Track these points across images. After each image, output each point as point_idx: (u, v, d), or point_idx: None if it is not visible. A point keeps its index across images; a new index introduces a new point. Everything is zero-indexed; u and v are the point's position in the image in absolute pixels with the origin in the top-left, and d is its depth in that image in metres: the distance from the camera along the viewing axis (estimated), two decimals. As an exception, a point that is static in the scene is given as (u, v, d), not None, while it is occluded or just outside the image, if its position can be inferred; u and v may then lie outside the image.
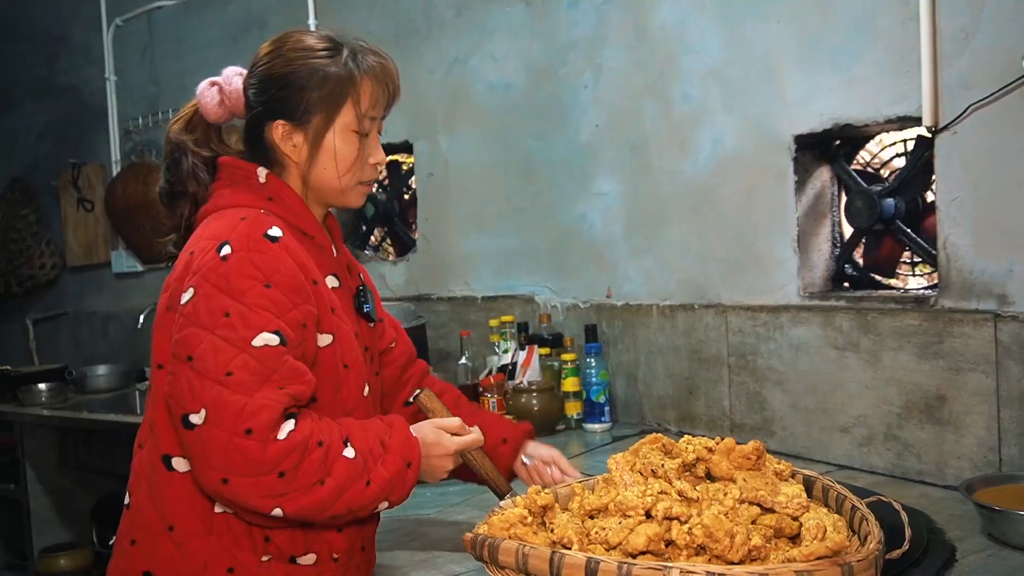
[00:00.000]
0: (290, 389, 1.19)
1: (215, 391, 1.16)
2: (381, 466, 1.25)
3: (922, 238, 2.06)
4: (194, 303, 1.20)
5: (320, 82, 1.32)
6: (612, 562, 1.11)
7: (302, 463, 1.18)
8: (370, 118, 1.36)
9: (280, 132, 1.34)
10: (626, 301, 2.56)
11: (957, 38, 1.82)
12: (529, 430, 1.69)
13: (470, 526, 1.31)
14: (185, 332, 1.20)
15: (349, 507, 1.23)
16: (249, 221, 1.26)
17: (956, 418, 1.83)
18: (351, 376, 1.34)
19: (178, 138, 1.38)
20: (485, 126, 2.91)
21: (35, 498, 3.61)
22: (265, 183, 1.35)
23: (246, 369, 1.17)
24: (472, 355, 2.73)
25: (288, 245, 1.27)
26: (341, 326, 1.34)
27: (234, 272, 1.20)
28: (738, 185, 2.27)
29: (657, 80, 2.43)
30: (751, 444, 1.35)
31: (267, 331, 1.19)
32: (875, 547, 1.13)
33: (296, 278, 1.25)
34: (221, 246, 1.23)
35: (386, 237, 3.47)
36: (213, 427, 1.15)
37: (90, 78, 4.28)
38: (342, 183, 1.36)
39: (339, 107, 1.33)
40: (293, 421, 1.19)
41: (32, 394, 3.65)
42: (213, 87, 1.38)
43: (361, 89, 1.34)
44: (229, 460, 1.15)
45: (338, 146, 1.34)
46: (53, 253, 4.49)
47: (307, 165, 1.35)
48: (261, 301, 1.20)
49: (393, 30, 3.13)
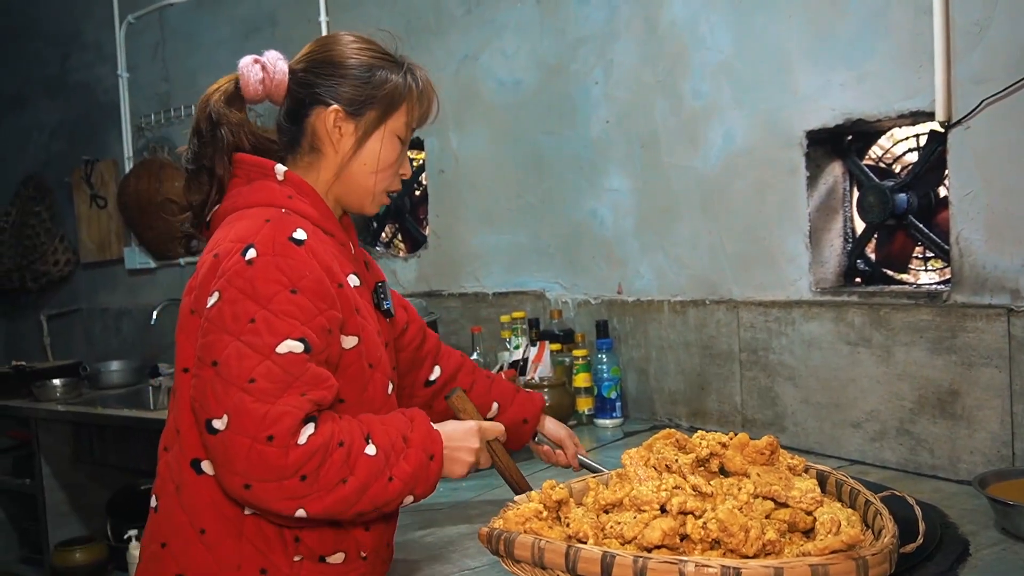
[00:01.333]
0: (312, 395, 1.20)
1: (238, 397, 1.16)
2: (403, 461, 1.26)
3: (934, 233, 2.06)
4: (219, 307, 1.20)
5: (384, 82, 1.35)
6: (627, 556, 1.11)
7: (324, 465, 1.18)
8: (412, 129, 1.41)
9: (332, 118, 1.34)
10: (637, 297, 2.56)
11: (970, 32, 1.82)
12: (543, 404, 1.79)
13: (485, 520, 1.32)
14: (210, 337, 1.20)
15: (374, 503, 1.24)
16: (274, 223, 1.26)
17: (969, 413, 1.83)
18: (377, 375, 1.35)
19: (221, 111, 1.34)
20: (496, 122, 2.91)
21: (50, 492, 3.64)
22: (284, 180, 1.34)
23: (269, 376, 1.17)
24: (483, 351, 2.74)
25: (314, 248, 1.26)
26: (366, 327, 1.34)
27: (260, 277, 1.20)
28: (749, 180, 2.27)
29: (668, 75, 2.43)
30: (765, 439, 1.35)
31: (292, 338, 1.19)
32: (889, 541, 1.13)
33: (322, 283, 1.24)
34: (246, 249, 1.22)
35: (397, 233, 3.48)
36: (235, 433, 1.16)
37: (102, 75, 4.30)
38: (375, 184, 1.38)
39: (394, 110, 1.37)
40: (313, 425, 1.20)
41: (47, 389, 3.68)
42: (256, 64, 1.36)
43: (415, 100, 1.39)
44: (251, 466, 1.16)
45: (384, 146, 1.37)
46: (66, 250, 4.52)
47: (348, 156, 1.36)
48: (287, 307, 1.20)
49: (403, 27, 3.14)
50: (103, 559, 3.59)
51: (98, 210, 4.30)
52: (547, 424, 1.79)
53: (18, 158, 4.80)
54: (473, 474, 1.54)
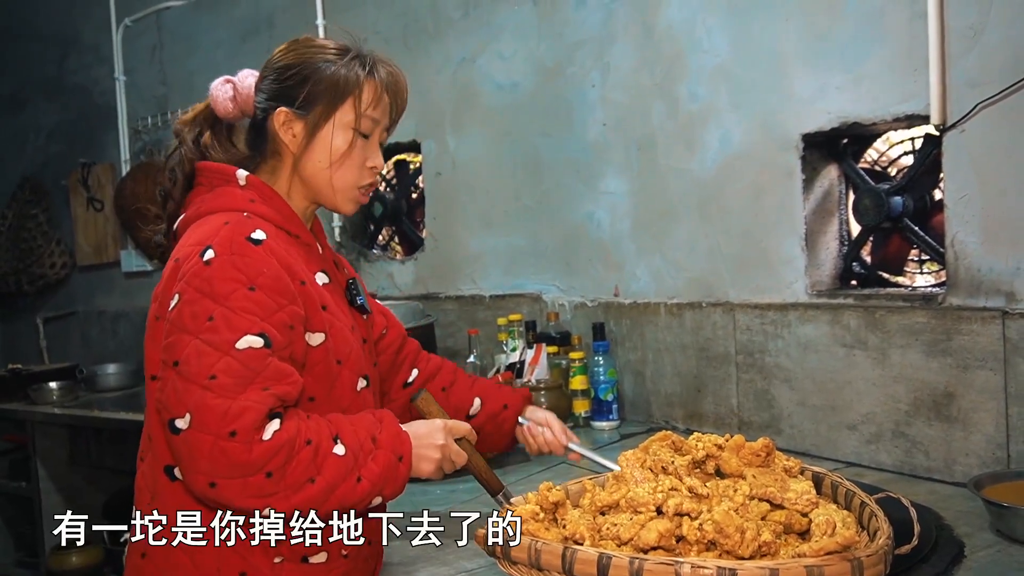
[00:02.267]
0: (275, 390, 1.19)
1: (199, 395, 1.16)
2: (372, 461, 1.25)
3: (930, 236, 2.07)
4: (179, 309, 1.21)
5: (325, 76, 1.35)
6: (624, 557, 1.11)
7: (290, 462, 1.18)
8: (371, 120, 1.38)
9: (281, 119, 1.36)
10: (634, 299, 2.57)
11: (965, 36, 1.83)
12: (528, 396, 1.75)
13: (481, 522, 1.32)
14: (171, 338, 1.21)
15: (342, 503, 1.23)
16: (232, 225, 1.27)
17: (964, 415, 1.84)
18: (344, 372, 1.35)
19: (178, 128, 1.41)
20: (493, 125, 2.92)
21: (46, 495, 3.63)
22: (246, 185, 1.36)
23: (229, 372, 1.17)
24: (480, 354, 2.74)
25: (272, 247, 1.27)
26: (334, 323, 1.34)
27: (217, 276, 1.21)
28: (746, 183, 2.27)
29: (664, 79, 2.44)
30: (760, 441, 1.35)
31: (251, 333, 1.19)
32: (884, 542, 1.14)
33: (281, 280, 1.25)
34: (204, 251, 1.23)
35: (394, 236, 3.48)
36: (198, 431, 1.15)
37: (99, 78, 4.30)
38: (336, 179, 1.38)
39: (341, 102, 1.36)
40: (278, 421, 1.19)
41: (43, 392, 3.67)
42: (227, 84, 1.41)
43: (364, 90, 1.37)
44: (215, 463, 1.15)
45: (334, 139, 1.36)
46: (63, 252, 4.51)
47: (301, 154, 1.37)
48: (245, 304, 1.20)
49: (401, 30, 3.15)
50: (99, 562, 3.57)
51: (95, 213, 4.29)
52: (538, 413, 1.74)
53: (15, 160, 4.80)
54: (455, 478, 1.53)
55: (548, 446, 1.71)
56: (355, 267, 3.42)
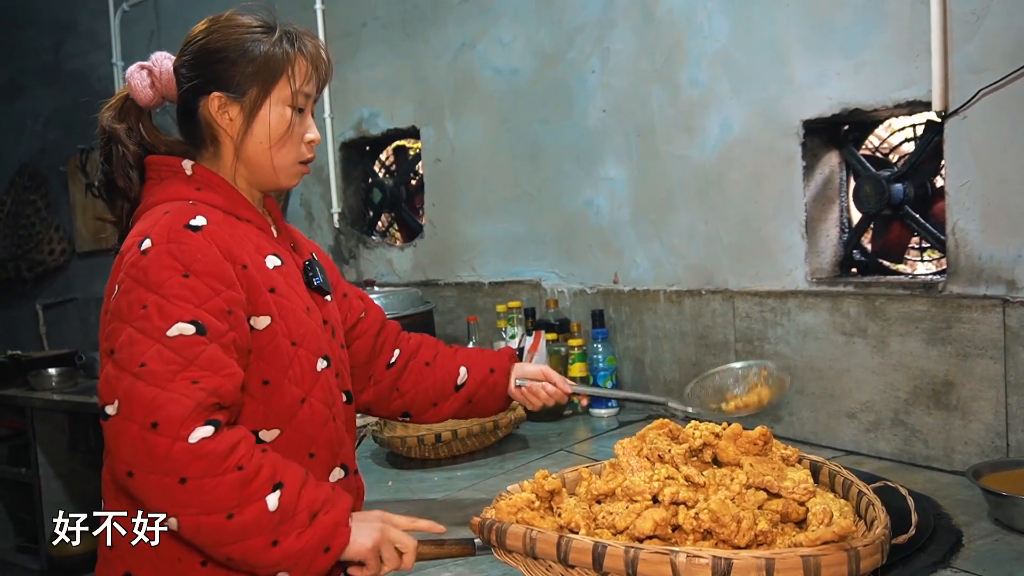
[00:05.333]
0: (206, 383, 1.15)
1: (128, 382, 1.14)
2: (296, 536, 1.17)
3: (931, 223, 2.05)
4: (117, 299, 1.21)
5: (256, 57, 1.33)
6: (619, 546, 1.11)
7: (209, 478, 1.12)
8: (304, 95, 1.37)
9: (216, 104, 1.34)
10: (633, 286, 2.56)
11: (967, 21, 1.81)
12: (512, 354, 1.74)
13: (477, 510, 1.32)
14: (109, 328, 1.21)
15: (244, 557, 1.16)
16: (172, 214, 1.26)
17: (964, 404, 1.83)
18: (301, 352, 1.32)
19: (110, 126, 1.38)
20: (492, 111, 2.90)
21: (46, 481, 3.64)
22: (192, 174, 1.35)
23: (160, 359, 1.15)
24: (479, 340, 2.74)
25: (213, 232, 1.26)
26: (284, 304, 1.32)
27: (153, 265, 1.20)
28: (746, 170, 2.26)
29: (664, 64, 2.42)
30: (758, 429, 1.35)
31: (183, 321, 1.18)
32: (881, 532, 1.13)
33: (218, 265, 1.23)
34: (143, 241, 1.23)
35: (393, 223, 3.48)
36: (125, 419, 1.13)
37: (97, 64, 4.29)
38: (278, 159, 1.36)
39: (275, 81, 1.34)
40: (212, 428, 1.14)
41: (42, 379, 3.67)
42: (143, 70, 1.38)
43: (296, 66, 1.35)
44: (135, 453, 1.12)
45: (272, 119, 1.34)
46: (62, 239, 4.51)
47: (241, 137, 1.34)
48: (179, 291, 1.19)
49: (400, 15, 3.13)
50: (99, 548, 3.59)
51: (93, 199, 4.25)
52: (528, 369, 1.73)
53: (13, 147, 4.79)
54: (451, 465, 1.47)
55: (552, 398, 1.72)
56: (354, 253, 3.41)
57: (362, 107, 3.31)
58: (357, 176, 3.49)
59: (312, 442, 1.33)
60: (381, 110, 3.25)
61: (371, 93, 3.26)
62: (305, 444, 1.32)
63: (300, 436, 1.31)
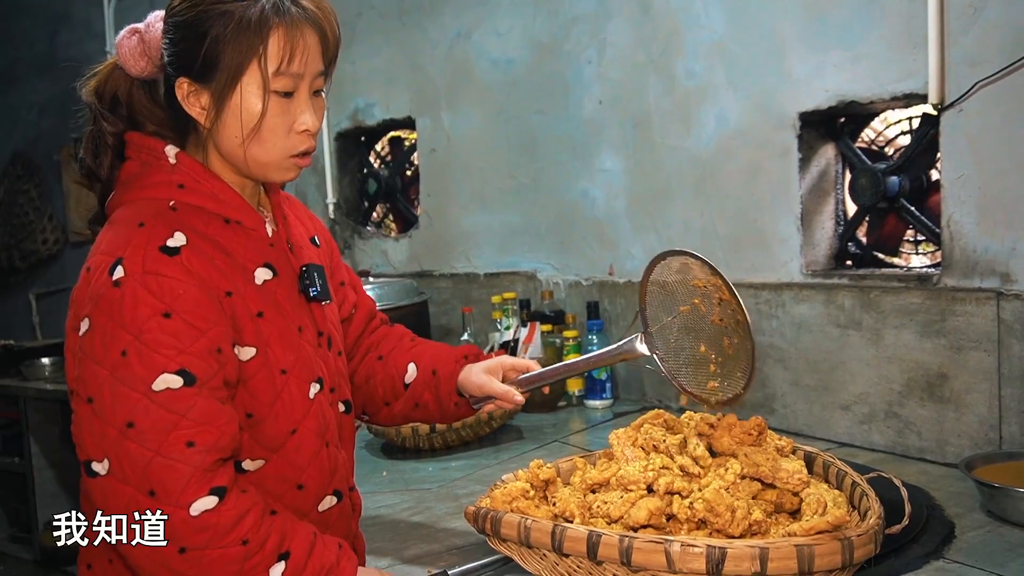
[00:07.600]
0: (203, 440, 1.06)
1: (116, 441, 1.05)
2: None
3: (926, 216, 2.05)
4: (90, 336, 1.08)
5: (224, 33, 1.10)
6: (613, 535, 1.11)
7: (211, 550, 1.05)
8: (291, 76, 1.13)
9: (184, 91, 1.14)
10: (628, 278, 2.55)
11: (965, 14, 1.81)
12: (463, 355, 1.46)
13: (472, 500, 1.32)
14: (84, 369, 1.09)
15: None
16: (148, 228, 1.11)
17: (957, 396, 1.84)
18: (291, 381, 1.19)
19: (89, 100, 1.22)
20: (488, 102, 2.89)
21: (39, 471, 3.63)
22: (176, 164, 1.18)
23: (147, 417, 1.05)
24: (474, 332, 2.74)
25: (190, 258, 1.11)
26: (272, 332, 1.18)
27: (128, 301, 1.07)
28: (742, 162, 2.26)
29: (661, 55, 2.42)
30: (753, 420, 1.35)
31: (168, 371, 1.06)
32: (875, 522, 1.14)
33: (200, 301, 1.10)
34: (114, 267, 1.09)
35: (388, 213, 3.47)
36: (118, 481, 1.05)
37: (91, 53, 4.26)
38: (257, 151, 1.16)
39: (248, 61, 1.11)
40: (216, 499, 1.05)
41: (35, 368, 3.66)
42: (134, 36, 1.19)
43: (272, 41, 1.11)
44: (131, 516, 1.05)
45: (244, 106, 1.13)
46: (55, 228, 4.49)
47: (213, 128, 1.15)
48: (159, 336, 1.06)
49: (396, 5, 3.11)
50: (92, 538, 3.58)
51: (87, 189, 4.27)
52: (472, 378, 1.42)
53: (7, 136, 4.77)
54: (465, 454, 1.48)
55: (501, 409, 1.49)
56: (349, 244, 3.41)
57: (358, 97, 3.30)
58: (352, 166, 3.48)
59: (302, 472, 1.21)
60: (377, 100, 3.24)
61: (367, 83, 3.25)
62: (293, 475, 1.20)
63: (288, 466, 1.19)
